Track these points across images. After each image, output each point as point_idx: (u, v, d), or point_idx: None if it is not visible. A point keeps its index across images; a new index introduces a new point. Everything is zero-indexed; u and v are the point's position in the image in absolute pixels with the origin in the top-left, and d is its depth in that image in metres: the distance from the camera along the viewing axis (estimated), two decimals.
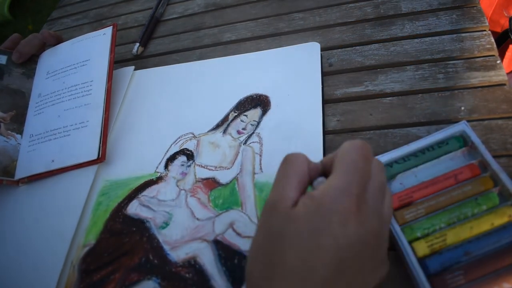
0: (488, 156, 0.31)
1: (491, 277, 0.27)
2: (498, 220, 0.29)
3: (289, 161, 0.25)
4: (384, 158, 0.33)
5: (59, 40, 0.52)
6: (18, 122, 0.47)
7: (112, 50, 0.48)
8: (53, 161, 0.43)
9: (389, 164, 0.33)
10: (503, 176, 0.30)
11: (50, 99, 0.47)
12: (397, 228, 0.30)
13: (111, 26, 0.50)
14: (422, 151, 0.33)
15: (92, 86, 0.46)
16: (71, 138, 0.44)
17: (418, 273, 0.28)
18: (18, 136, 0.46)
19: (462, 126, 0.33)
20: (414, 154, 0.33)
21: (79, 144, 0.43)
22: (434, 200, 0.31)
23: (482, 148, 0.32)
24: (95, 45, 0.49)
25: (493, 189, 0.30)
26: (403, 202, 0.31)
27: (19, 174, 0.44)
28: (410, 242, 0.29)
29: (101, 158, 0.42)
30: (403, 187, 0.33)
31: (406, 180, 0.33)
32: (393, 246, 0.31)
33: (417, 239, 0.29)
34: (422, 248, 0.29)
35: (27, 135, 0.46)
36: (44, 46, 0.53)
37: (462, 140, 0.33)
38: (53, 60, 0.51)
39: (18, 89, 0.49)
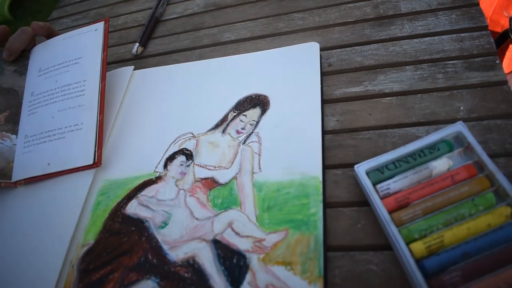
0: (484, 157, 0.31)
1: (488, 278, 0.27)
2: (495, 220, 0.29)
3: None
4: (371, 163, 0.33)
5: (49, 31, 0.51)
6: (12, 122, 0.46)
7: (105, 48, 0.47)
8: (49, 164, 0.43)
9: (380, 170, 0.33)
10: (500, 176, 0.30)
11: (43, 98, 0.46)
12: (394, 230, 0.30)
13: (103, 22, 0.48)
14: (413, 157, 0.33)
15: (85, 86, 0.45)
16: (66, 140, 0.43)
17: (416, 275, 0.28)
18: (13, 136, 0.46)
19: (458, 127, 0.33)
20: (405, 160, 0.33)
21: (74, 148, 0.42)
22: (431, 201, 0.31)
23: (478, 148, 0.32)
24: (87, 42, 0.48)
25: (490, 190, 0.30)
26: (400, 203, 0.31)
27: (16, 176, 0.44)
28: (407, 244, 0.29)
29: (97, 163, 0.41)
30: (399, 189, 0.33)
31: (401, 182, 0.33)
32: (390, 246, 0.31)
33: (415, 240, 0.29)
34: (420, 249, 0.29)
35: (22, 136, 0.46)
36: (34, 39, 0.51)
37: (452, 144, 0.33)
38: (45, 56, 0.50)
39: (11, 87, 0.48)
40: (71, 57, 0.48)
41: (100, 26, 0.48)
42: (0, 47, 0.49)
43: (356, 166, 0.34)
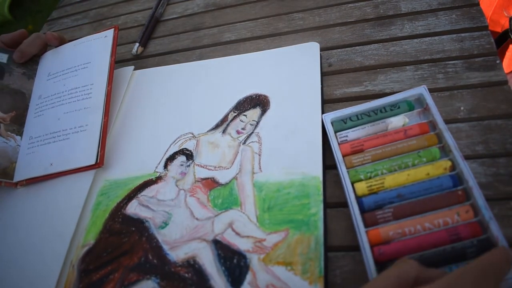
0: (437, 117, 0.34)
1: (416, 218, 0.30)
2: (435, 171, 0.32)
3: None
4: (337, 114, 0.37)
5: (62, 42, 0.52)
6: (17, 123, 0.47)
7: (113, 53, 0.48)
8: (51, 164, 0.43)
9: (344, 120, 0.37)
10: (446, 134, 0.33)
11: (51, 101, 0.47)
12: (343, 170, 0.33)
13: (113, 29, 0.49)
14: (375, 112, 0.36)
15: (92, 89, 0.46)
16: (70, 141, 0.43)
17: (354, 208, 0.31)
18: (18, 137, 0.46)
19: (420, 90, 0.36)
20: (367, 113, 0.36)
21: (77, 149, 0.43)
22: (381, 149, 0.34)
23: (434, 109, 0.34)
24: (97, 48, 0.49)
25: (437, 146, 0.33)
26: (355, 149, 0.35)
27: (18, 176, 0.44)
28: (352, 183, 0.33)
29: (99, 163, 0.41)
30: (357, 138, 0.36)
31: (359, 132, 0.36)
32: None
33: (360, 180, 0.33)
34: (362, 188, 0.32)
35: (26, 137, 0.46)
36: (46, 46, 0.53)
37: (413, 105, 0.36)
38: (54, 61, 0.51)
39: (19, 89, 0.49)
40: (80, 62, 0.48)
41: (110, 33, 0.49)
42: (11, 49, 0.50)
43: (323, 114, 0.37)
